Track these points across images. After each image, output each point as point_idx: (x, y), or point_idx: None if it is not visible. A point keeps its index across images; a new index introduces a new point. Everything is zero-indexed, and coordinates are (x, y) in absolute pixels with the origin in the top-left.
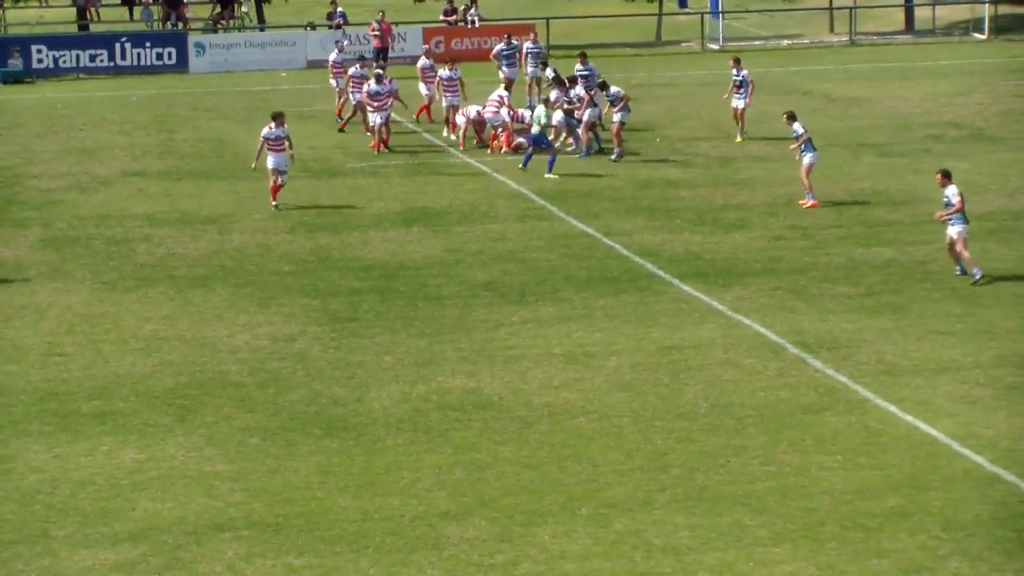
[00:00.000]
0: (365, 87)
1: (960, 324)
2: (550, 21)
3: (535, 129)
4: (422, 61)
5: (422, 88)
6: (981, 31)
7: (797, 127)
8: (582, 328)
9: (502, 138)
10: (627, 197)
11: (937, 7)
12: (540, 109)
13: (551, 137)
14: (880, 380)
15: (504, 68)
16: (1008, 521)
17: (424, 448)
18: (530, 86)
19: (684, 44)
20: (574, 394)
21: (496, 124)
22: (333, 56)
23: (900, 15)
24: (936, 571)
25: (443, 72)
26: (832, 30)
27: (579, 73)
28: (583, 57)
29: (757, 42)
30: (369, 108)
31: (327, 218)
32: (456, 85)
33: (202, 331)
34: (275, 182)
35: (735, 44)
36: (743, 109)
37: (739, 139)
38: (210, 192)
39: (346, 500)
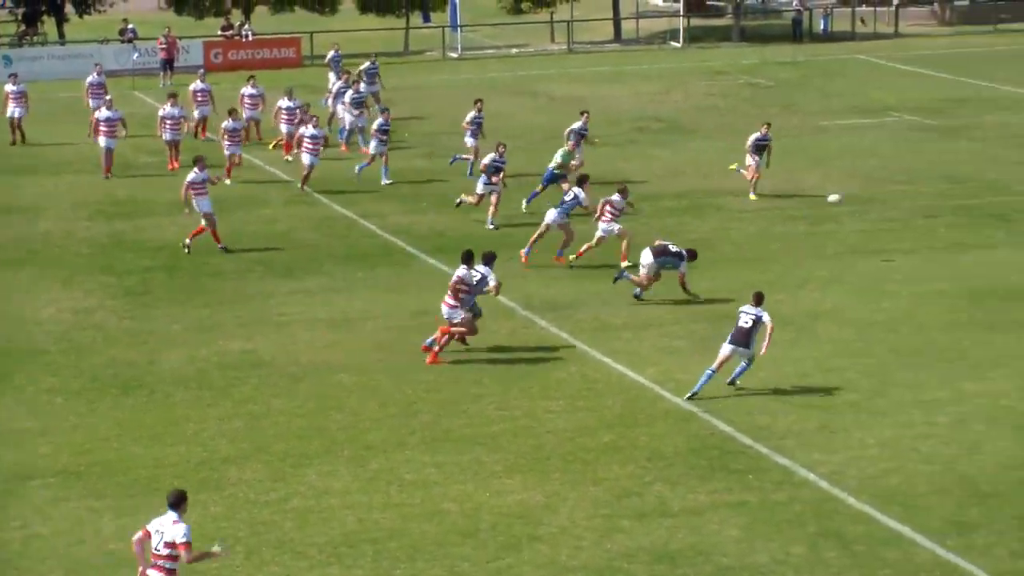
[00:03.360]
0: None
1: (656, 287)
2: (313, 35)
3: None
4: (195, 84)
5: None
6: (677, 40)
7: (578, 192)
8: (343, 297)
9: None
10: (381, 185)
11: (640, 20)
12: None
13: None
14: (596, 336)
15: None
16: (702, 451)
17: (207, 403)
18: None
19: (428, 53)
20: (337, 353)
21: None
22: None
23: (610, 27)
24: (643, 495)
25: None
26: (553, 40)
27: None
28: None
29: (490, 51)
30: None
31: (123, 207)
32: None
33: (11, 307)
34: (210, 227)
35: (472, 52)
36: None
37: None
38: (20, 185)
39: (140, 449)
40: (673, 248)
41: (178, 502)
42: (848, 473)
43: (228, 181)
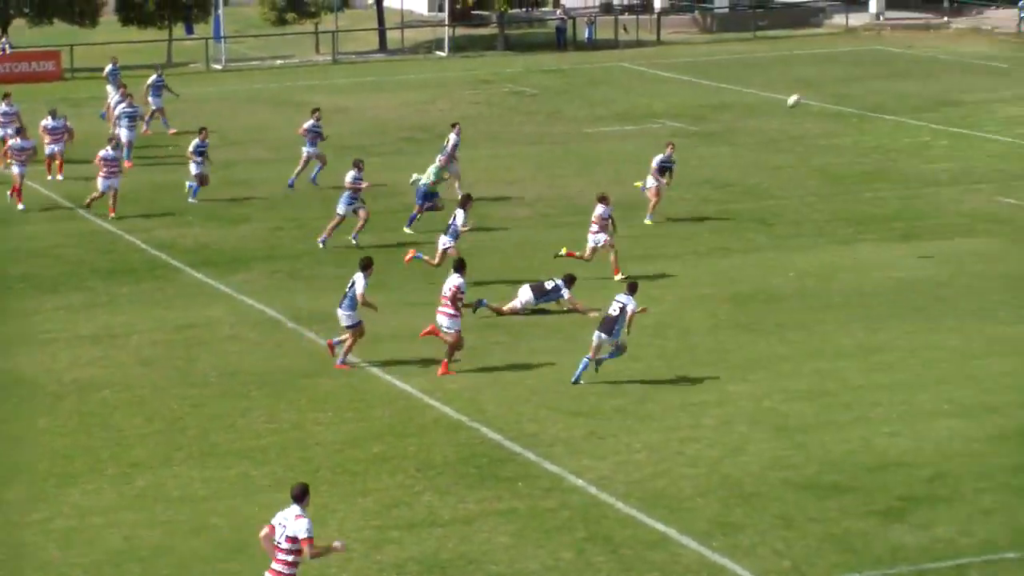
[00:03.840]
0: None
1: (430, 296)
2: (73, 48)
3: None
4: None
5: None
6: (442, 49)
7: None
8: (107, 312)
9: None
10: (144, 199)
11: (406, 30)
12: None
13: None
14: (364, 346)
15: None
16: (470, 459)
17: None
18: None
19: (192, 65)
20: (100, 370)
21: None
22: None
23: (375, 37)
24: (412, 505)
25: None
26: (318, 51)
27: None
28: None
29: (254, 62)
30: None
31: None
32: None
33: None
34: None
35: (236, 64)
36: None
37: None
38: None
39: None
40: (549, 285)
41: (301, 496)
42: (616, 478)
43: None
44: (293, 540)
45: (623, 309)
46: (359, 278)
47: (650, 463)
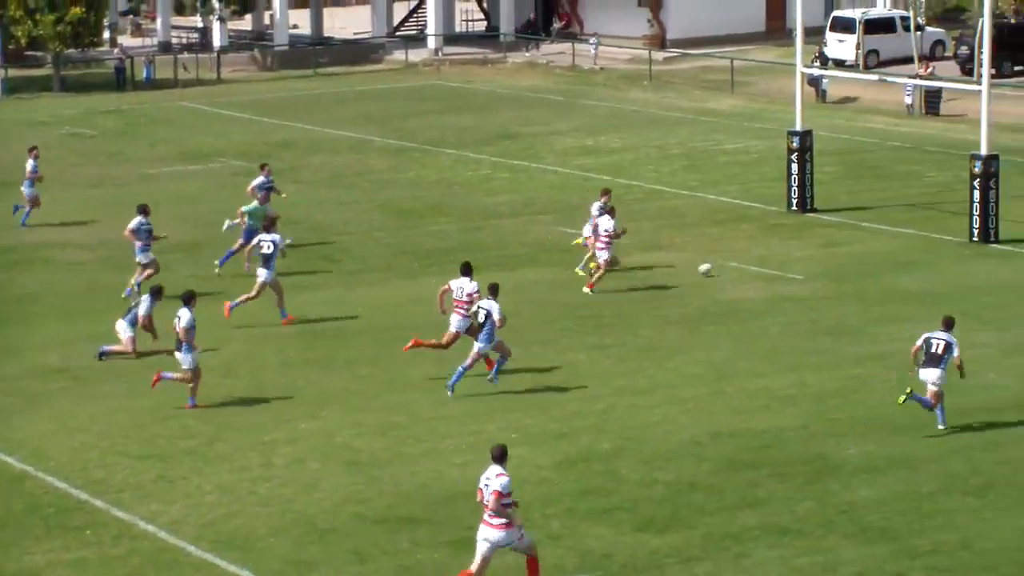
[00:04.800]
0: None
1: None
2: None
3: None
4: None
5: None
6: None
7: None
8: None
9: None
10: None
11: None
12: None
13: None
14: None
15: None
16: (37, 510)
17: None
18: None
19: None
20: None
21: None
22: None
23: None
24: None
25: None
26: None
27: None
28: None
29: None
30: None
31: None
32: None
33: None
34: None
35: None
36: None
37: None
38: None
39: None
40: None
41: (502, 456)
42: (187, 521)
43: None
44: (498, 495)
45: (488, 315)
46: (182, 312)
47: (222, 504)
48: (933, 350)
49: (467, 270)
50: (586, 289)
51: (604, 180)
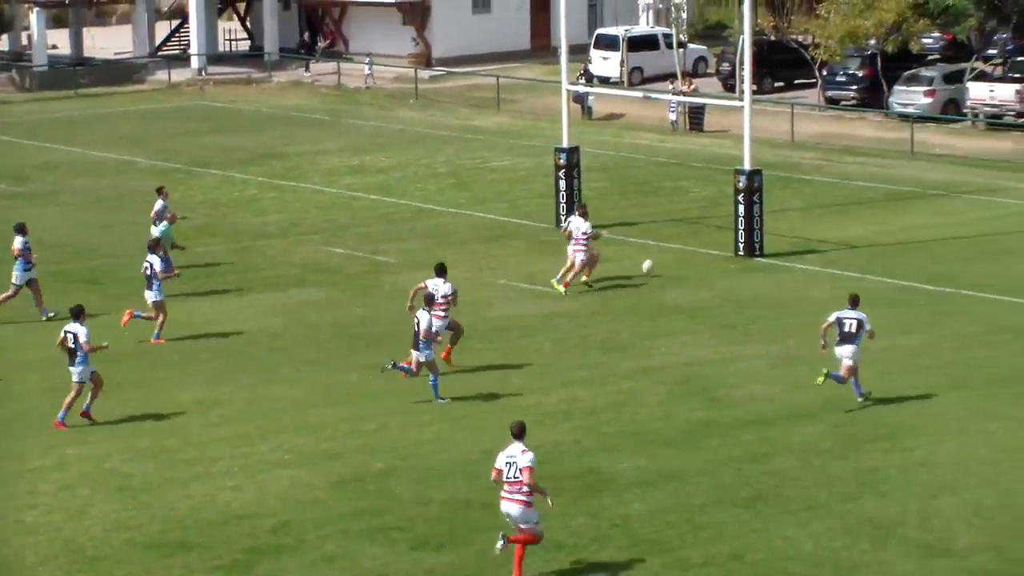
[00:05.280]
0: None
1: None
2: None
3: None
4: None
5: None
6: None
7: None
8: None
9: None
10: None
11: None
12: None
13: None
14: None
15: None
16: None
17: None
18: None
19: None
20: None
21: None
22: None
23: None
24: None
25: None
26: None
27: None
28: None
29: None
30: None
31: None
32: None
33: None
34: None
35: None
36: None
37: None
38: None
39: None
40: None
41: (521, 432)
42: None
43: None
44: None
45: (418, 322)
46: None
47: None
48: (847, 329)
49: (441, 271)
50: (561, 288)
51: (372, 200)
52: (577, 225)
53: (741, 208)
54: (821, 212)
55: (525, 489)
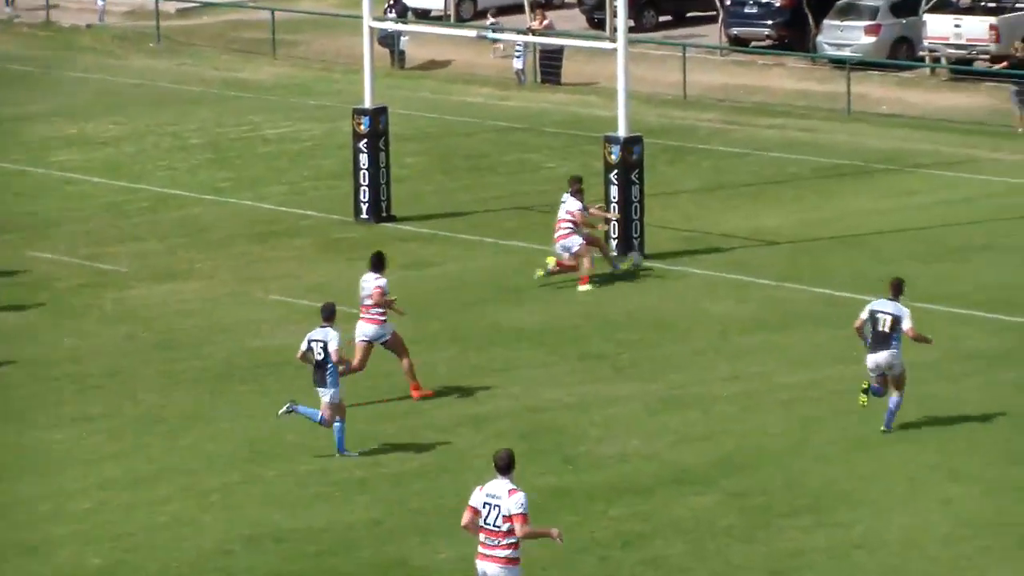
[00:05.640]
0: None
1: None
2: None
3: None
4: None
5: None
6: None
7: None
8: None
9: None
10: None
11: None
12: None
13: None
14: None
15: None
16: None
17: None
18: None
19: None
20: None
21: None
22: None
23: None
24: None
25: None
26: None
27: None
28: None
29: None
30: None
31: None
32: None
33: None
34: None
35: None
36: None
37: None
38: None
39: None
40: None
41: (510, 465)
42: None
43: None
44: (511, 519)
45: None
46: None
47: None
48: (880, 328)
49: (378, 264)
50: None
51: (95, 184)
52: (569, 208)
53: (613, 190)
54: (724, 195)
55: (510, 542)
